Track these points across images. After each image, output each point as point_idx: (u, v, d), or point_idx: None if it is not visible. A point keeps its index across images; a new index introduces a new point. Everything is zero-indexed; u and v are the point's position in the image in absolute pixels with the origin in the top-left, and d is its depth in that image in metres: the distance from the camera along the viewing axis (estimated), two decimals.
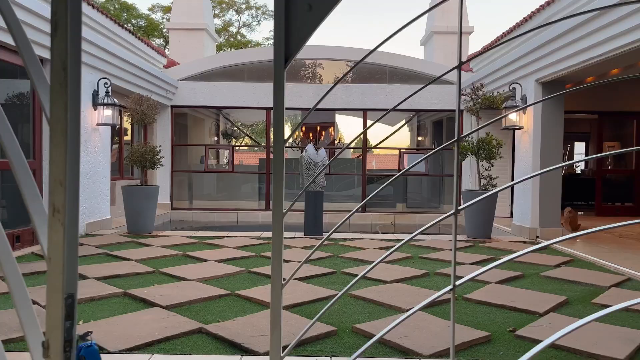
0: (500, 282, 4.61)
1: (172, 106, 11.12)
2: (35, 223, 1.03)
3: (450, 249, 6.47)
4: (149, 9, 28.69)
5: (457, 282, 1.87)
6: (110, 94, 7.49)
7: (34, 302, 3.73)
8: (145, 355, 2.78)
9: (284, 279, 1.66)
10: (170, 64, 12.55)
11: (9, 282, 1.07)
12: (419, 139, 15.71)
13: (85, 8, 8.99)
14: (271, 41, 34.88)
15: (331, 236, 7.44)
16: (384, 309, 3.76)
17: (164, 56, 12.17)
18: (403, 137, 17.56)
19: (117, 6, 26.25)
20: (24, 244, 5.89)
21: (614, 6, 2.19)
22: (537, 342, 3.07)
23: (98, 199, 7.63)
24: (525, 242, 7.06)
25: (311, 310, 3.68)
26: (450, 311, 1.79)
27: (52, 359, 0.94)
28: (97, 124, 7.45)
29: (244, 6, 32.55)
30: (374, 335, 3.06)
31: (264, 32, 58.83)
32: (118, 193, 8.82)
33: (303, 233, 7.65)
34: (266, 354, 2.79)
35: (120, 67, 8.07)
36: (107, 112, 7.47)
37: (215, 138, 15.98)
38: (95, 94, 7.45)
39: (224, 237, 7.24)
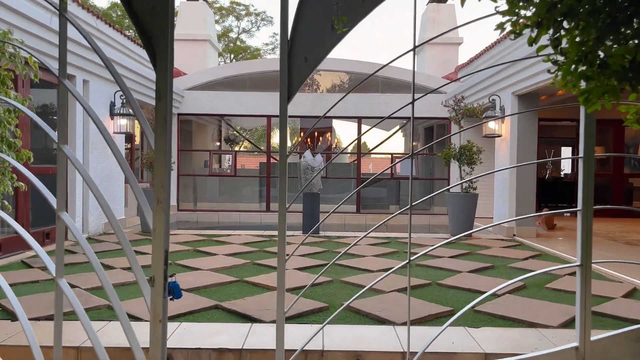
0: (471, 271, 5.31)
1: (179, 114, 11.82)
2: (143, 209, 1.71)
3: (433, 245, 7.17)
4: None
5: (412, 258, 2.59)
6: (125, 104, 8.18)
7: (73, 286, 4.43)
8: (176, 322, 3.47)
9: (287, 255, 2.36)
10: (176, 74, 13.23)
11: (125, 248, 1.76)
12: (413, 144, 16.41)
13: (102, 26, 9.71)
14: (270, 47, 35.20)
15: (327, 234, 8.15)
16: (369, 292, 4.44)
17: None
18: (397, 142, 18.31)
19: (119, 12, 26.97)
20: (53, 240, 6.57)
21: None
22: (490, 314, 3.77)
23: (114, 200, 8.31)
24: (502, 240, 7.76)
25: (308, 292, 4.36)
26: (407, 280, 2.56)
27: (156, 287, 1.63)
28: (114, 132, 8.14)
29: (243, 12, 33.31)
30: (360, 311, 3.79)
31: (263, 37, 59.60)
32: (128, 195, 9.50)
33: (301, 231, 8.34)
34: (272, 322, 3.48)
35: (134, 79, 8.76)
36: (123, 121, 8.17)
37: (218, 143, 16.71)
38: (112, 105, 8.15)
39: (229, 235, 7.93)
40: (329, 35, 2.27)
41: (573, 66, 1.65)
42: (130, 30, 26.86)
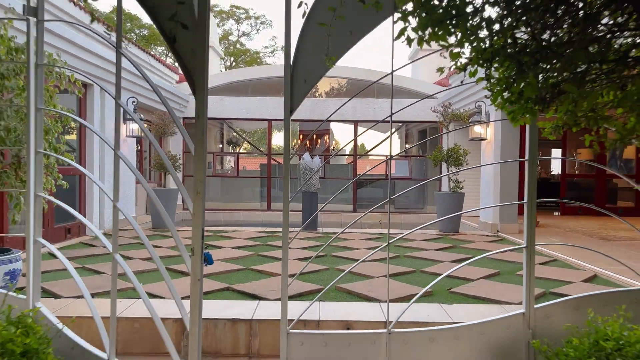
0: (453, 261, 5.90)
1: (184, 118, 12.41)
2: (187, 200, 2.29)
3: (423, 240, 7.76)
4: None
5: (391, 241, 3.19)
6: (136, 110, 8.77)
7: (101, 272, 4.99)
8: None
9: (290, 238, 2.95)
10: (182, 79, 13.83)
11: (171, 229, 2.34)
12: (407, 146, 17.04)
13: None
14: (269, 49, 35.82)
15: (325, 230, 8.74)
16: (360, 277, 5.03)
17: (175, 73, 13.44)
18: (393, 144, 18.89)
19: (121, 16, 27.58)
20: (74, 235, 7.16)
21: None
22: (464, 294, 4.36)
23: (126, 199, 8.88)
24: (487, 235, 8.36)
25: (307, 277, 4.95)
26: (387, 259, 3.23)
27: (195, 255, 2.22)
28: (126, 136, 8.72)
29: (243, 16, 33.95)
30: (351, 292, 4.37)
31: (262, 40, 60.16)
32: (138, 194, 10.08)
33: (302, 227, 8.92)
34: (276, 299, 4.06)
35: (144, 86, 9.35)
36: (134, 125, 8.75)
37: (220, 145, 17.30)
38: (125, 111, 8.72)
39: (233, 231, 8.52)
40: (323, 63, 2.86)
41: (500, 94, 2.26)
42: (132, 34, 27.47)
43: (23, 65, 3.46)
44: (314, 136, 18.43)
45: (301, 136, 18.72)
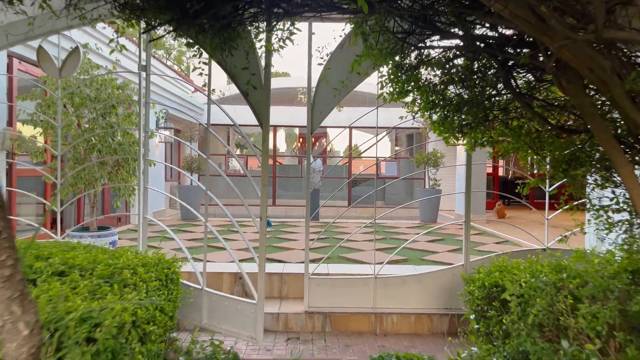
0: (428, 241, 7.50)
1: (199, 124, 13.94)
2: (256, 188, 3.84)
3: (407, 227, 9.35)
4: None
5: (377, 220, 4.81)
6: (166, 119, 10.31)
7: (154, 247, 6.58)
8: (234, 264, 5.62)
9: (311, 218, 4.55)
10: (198, 89, 15.35)
11: (232, 221, 3.90)
12: (396, 148, 18.67)
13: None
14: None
15: (325, 220, 10.32)
16: (356, 250, 6.62)
17: (192, 85, 14.95)
18: (384, 147, 20.54)
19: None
20: (122, 223, 8.70)
21: None
22: (431, 261, 5.96)
23: (158, 195, 10.42)
24: (460, 225, 9.96)
25: (316, 251, 6.52)
26: (373, 231, 4.97)
27: (262, 220, 3.79)
28: (159, 142, 10.26)
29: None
30: (350, 259, 5.97)
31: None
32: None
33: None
34: (297, 262, 5.64)
35: (170, 98, 10.89)
36: (165, 132, 10.30)
37: (227, 147, 18.86)
38: (157, 120, 10.28)
39: (249, 221, 10.08)
40: (332, 101, 4.45)
41: (437, 128, 3.85)
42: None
43: (128, 98, 5.01)
44: (313, 139, 20.02)
45: (301, 139, 20.33)
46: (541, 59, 2.54)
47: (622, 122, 2.73)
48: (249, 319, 3.92)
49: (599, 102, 2.85)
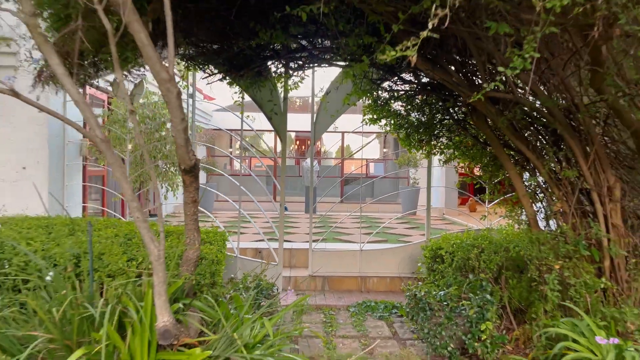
0: (406, 228, 9.12)
1: (208, 129, 15.48)
2: (279, 184, 5.39)
3: (390, 219, 10.96)
4: None
5: (364, 213, 6.48)
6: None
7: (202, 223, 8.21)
8: (252, 243, 7.20)
9: (314, 210, 6.16)
10: (206, 97, 16.89)
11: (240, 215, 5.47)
12: (384, 150, 20.31)
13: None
14: None
15: (321, 213, 11.91)
16: (347, 234, 8.22)
17: (200, 92, 16.49)
18: (374, 149, 22.18)
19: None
20: (153, 216, 10.24)
21: None
22: (406, 241, 7.58)
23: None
24: (435, 217, 11.61)
25: (315, 235, 8.10)
26: (360, 213, 6.63)
27: (282, 206, 5.37)
28: None
29: None
30: (342, 240, 7.61)
31: None
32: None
33: (304, 212, 12.11)
34: (302, 242, 7.22)
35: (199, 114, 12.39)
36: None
37: (230, 149, 20.39)
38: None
39: (256, 214, 11.66)
40: (329, 121, 6.05)
41: (403, 142, 5.48)
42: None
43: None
44: (308, 142, 21.61)
45: (297, 142, 21.94)
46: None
47: (509, 142, 4.34)
48: (273, 276, 5.50)
49: (498, 132, 4.46)
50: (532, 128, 4.25)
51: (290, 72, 4.93)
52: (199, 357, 2.47)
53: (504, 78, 3.71)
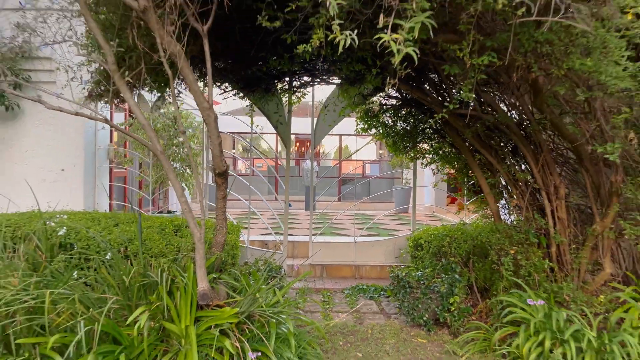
0: (397, 224, 9.95)
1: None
2: (284, 186, 6.20)
3: (384, 216, 11.80)
4: None
5: (360, 211, 7.31)
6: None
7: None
8: (261, 236, 8.03)
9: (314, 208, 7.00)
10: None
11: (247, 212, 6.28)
12: (380, 152, 21.16)
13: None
14: None
15: (319, 210, 12.75)
16: (343, 229, 9.04)
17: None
18: (370, 150, 23.02)
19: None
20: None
21: None
22: (395, 235, 8.41)
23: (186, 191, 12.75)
24: (425, 214, 12.44)
25: (315, 230, 8.93)
26: (354, 211, 7.55)
27: (286, 203, 6.19)
28: None
29: None
30: (339, 233, 8.47)
31: None
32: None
33: (304, 209, 12.94)
34: (304, 235, 8.05)
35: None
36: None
37: (233, 151, 21.23)
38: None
39: (260, 212, 12.48)
40: (327, 129, 6.88)
41: (390, 148, 6.31)
42: None
43: (190, 125, 7.38)
44: (307, 143, 22.44)
45: (297, 143, 22.76)
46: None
47: (477, 151, 5.17)
48: (278, 261, 6.32)
49: (467, 140, 5.28)
50: (495, 137, 5.08)
51: (294, 89, 5.76)
52: (229, 312, 3.29)
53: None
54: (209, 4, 3.06)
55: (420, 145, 6.26)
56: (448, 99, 5.09)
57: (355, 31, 2.08)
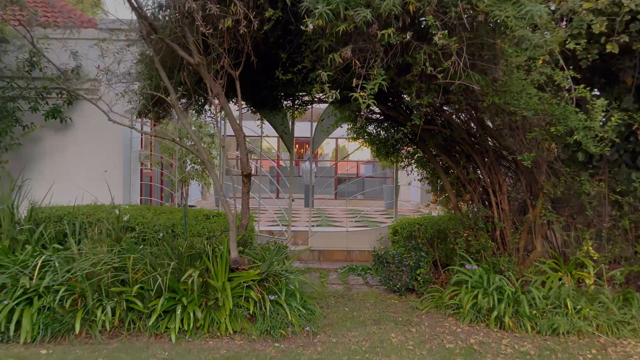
0: (384, 218, 11.27)
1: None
2: (289, 182, 7.51)
3: (374, 212, 13.16)
4: None
5: (353, 207, 8.73)
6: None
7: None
8: (266, 227, 9.35)
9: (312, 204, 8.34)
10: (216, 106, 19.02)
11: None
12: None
13: None
14: None
15: (317, 206, 14.10)
16: (338, 222, 10.36)
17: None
18: (365, 151, 24.36)
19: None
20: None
21: None
22: (381, 223, 9.75)
23: (195, 188, 14.05)
24: (412, 210, 13.77)
25: (313, 222, 10.25)
26: (346, 206, 8.94)
27: (290, 198, 7.51)
28: None
29: None
30: (333, 224, 9.82)
31: None
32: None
33: (304, 205, 14.28)
34: (304, 226, 9.37)
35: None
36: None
37: (237, 152, 22.55)
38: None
39: (264, 207, 13.81)
40: (324, 137, 8.22)
41: (376, 153, 7.66)
42: None
43: (207, 133, 8.69)
44: (306, 145, 23.76)
45: (297, 145, 24.14)
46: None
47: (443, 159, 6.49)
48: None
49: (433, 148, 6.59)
50: (454, 146, 6.41)
51: (296, 106, 7.08)
52: (253, 273, 4.61)
53: (429, 116, 5.89)
54: (240, 57, 4.38)
55: (400, 151, 7.57)
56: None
57: (338, 90, 3.39)
